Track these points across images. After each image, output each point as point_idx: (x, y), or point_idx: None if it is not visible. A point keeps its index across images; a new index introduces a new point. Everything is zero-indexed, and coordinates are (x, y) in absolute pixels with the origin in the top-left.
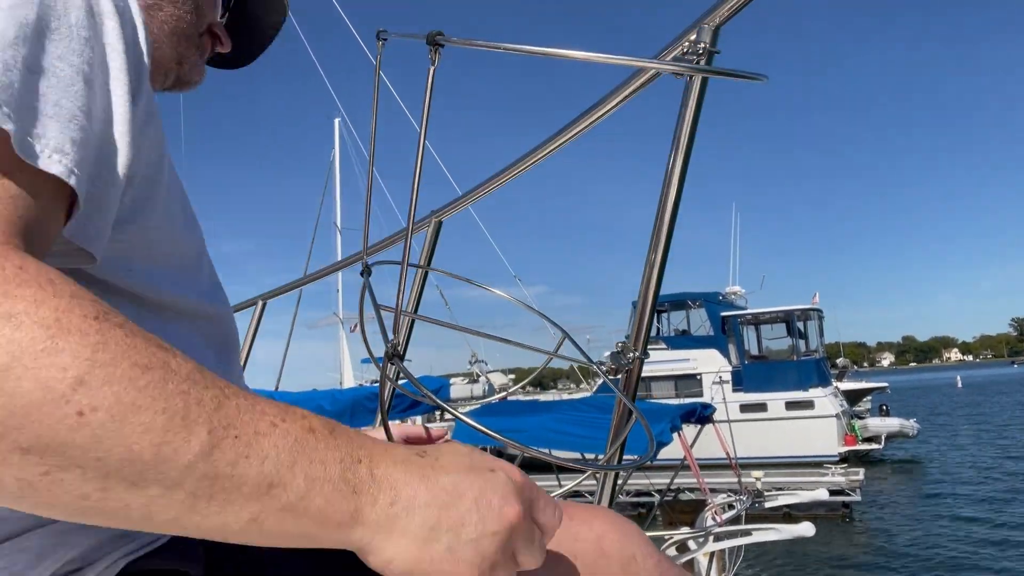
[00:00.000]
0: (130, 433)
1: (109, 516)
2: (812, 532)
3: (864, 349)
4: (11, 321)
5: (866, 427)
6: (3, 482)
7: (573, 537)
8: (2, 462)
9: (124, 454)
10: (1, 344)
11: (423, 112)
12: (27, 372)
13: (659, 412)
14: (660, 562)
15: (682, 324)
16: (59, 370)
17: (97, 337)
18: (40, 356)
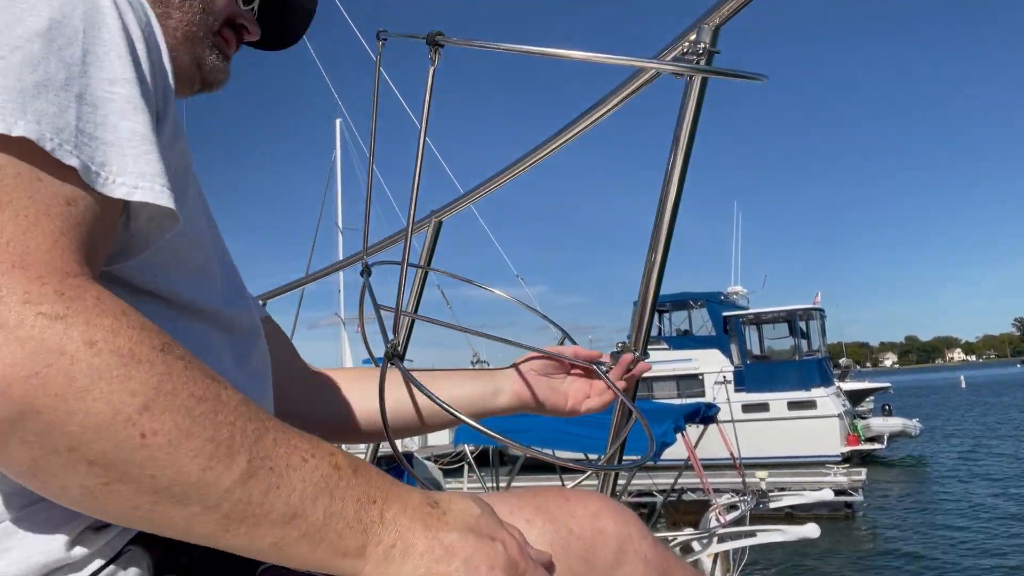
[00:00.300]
0: (182, 457)
1: (154, 525)
2: (817, 534)
3: (867, 349)
4: (92, 348)
5: (868, 427)
6: (69, 488)
7: (569, 515)
8: (71, 470)
9: (174, 475)
10: (83, 368)
11: (423, 112)
12: (102, 395)
13: (663, 412)
14: (655, 544)
15: (684, 324)
16: (129, 395)
17: (162, 368)
18: (114, 382)
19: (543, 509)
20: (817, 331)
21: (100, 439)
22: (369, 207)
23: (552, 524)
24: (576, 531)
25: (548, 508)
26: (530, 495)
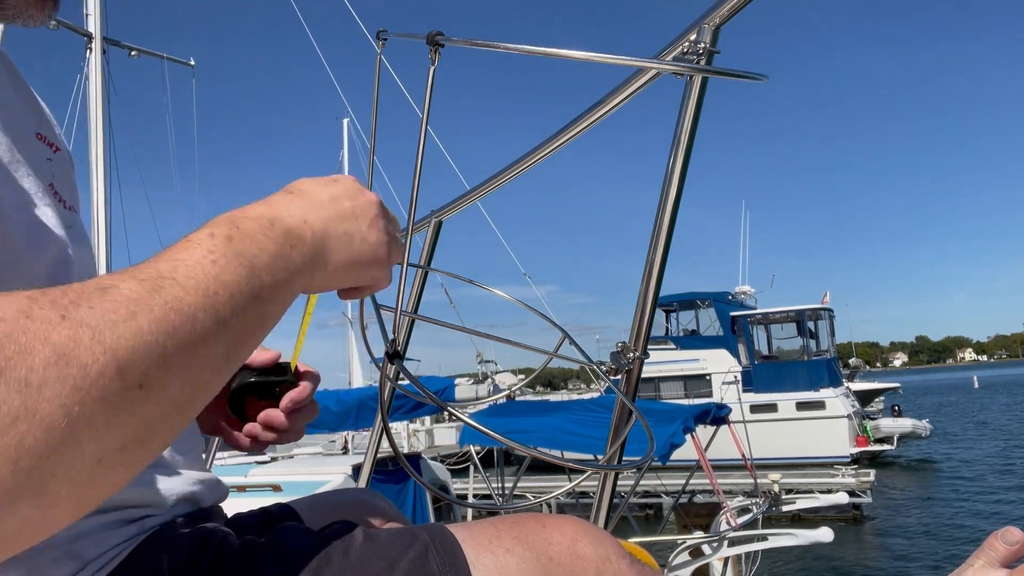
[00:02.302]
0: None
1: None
2: (830, 538)
3: (877, 349)
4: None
5: (878, 428)
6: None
7: (547, 542)
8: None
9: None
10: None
11: (423, 112)
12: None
13: (672, 413)
14: (633, 563)
15: (691, 324)
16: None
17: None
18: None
19: (521, 538)
20: (826, 331)
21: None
22: None
23: (531, 552)
24: (555, 558)
25: (526, 537)
26: (507, 524)
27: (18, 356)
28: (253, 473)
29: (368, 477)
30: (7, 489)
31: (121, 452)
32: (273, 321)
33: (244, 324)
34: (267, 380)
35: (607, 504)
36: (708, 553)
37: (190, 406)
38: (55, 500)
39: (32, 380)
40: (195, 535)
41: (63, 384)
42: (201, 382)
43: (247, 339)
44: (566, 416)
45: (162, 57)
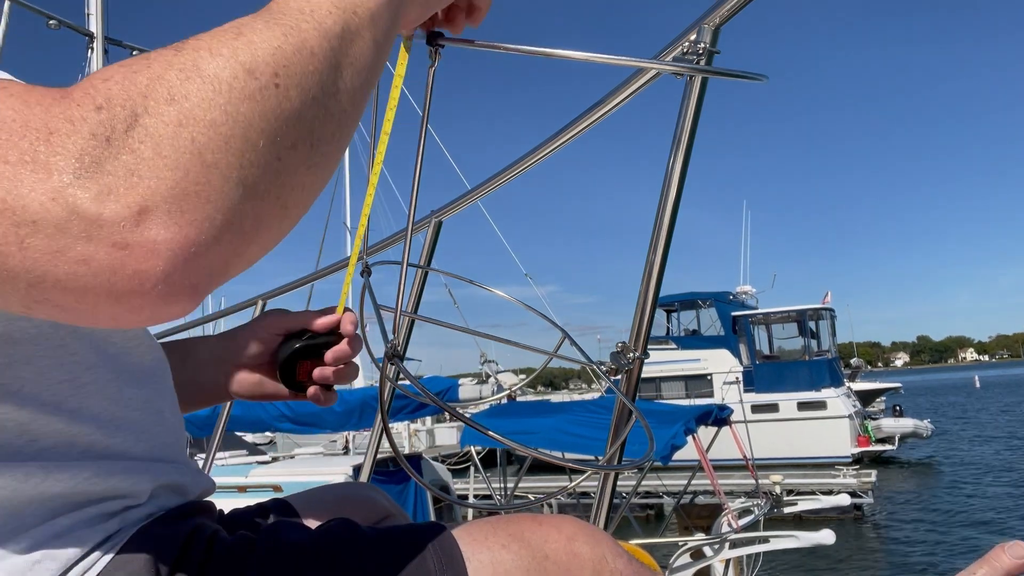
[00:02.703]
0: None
1: (352, 125)
2: (832, 540)
3: (878, 349)
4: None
5: (879, 428)
6: (305, 184)
7: (543, 539)
8: (294, 169)
9: (317, 80)
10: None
11: (423, 112)
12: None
13: (673, 414)
14: (630, 561)
15: (692, 324)
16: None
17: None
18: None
19: (518, 536)
20: (827, 331)
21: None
22: (369, 207)
23: (527, 549)
24: (551, 556)
25: (522, 534)
26: (504, 523)
27: (154, 81)
28: (253, 473)
29: (368, 477)
30: (205, 181)
31: (295, 151)
32: (381, 47)
33: (352, 39)
34: (313, 343)
35: (607, 504)
36: (709, 555)
37: (337, 109)
38: (259, 194)
39: (175, 94)
40: (183, 530)
41: (203, 91)
42: (334, 85)
43: (363, 56)
44: (567, 417)
45: None
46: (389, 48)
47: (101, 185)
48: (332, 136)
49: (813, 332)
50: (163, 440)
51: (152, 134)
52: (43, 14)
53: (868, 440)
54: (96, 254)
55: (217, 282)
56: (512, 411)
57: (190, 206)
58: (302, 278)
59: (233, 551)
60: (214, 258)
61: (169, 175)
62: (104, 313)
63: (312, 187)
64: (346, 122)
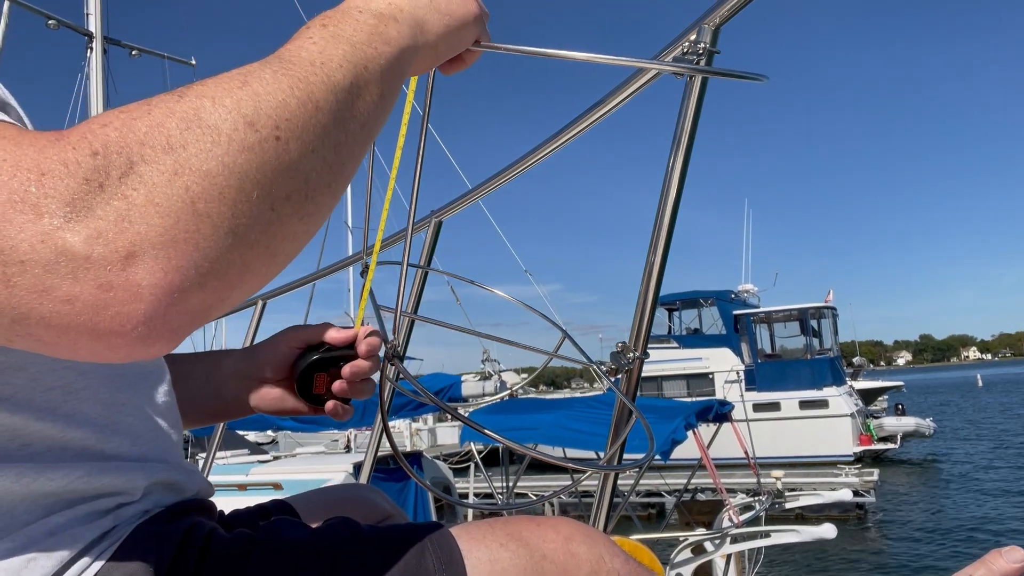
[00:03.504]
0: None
1: (348, 177)
2: (834, 534)
3: (881, 347)
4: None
5: (881, 426)
6: (296, 233)
7: (541, 539)
8: (286, 221)
9: (318, 133)
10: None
11: (423, 112)
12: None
13: (674, 410)
14: (627, 561)
15: (694, 323)
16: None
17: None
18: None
19: (516, 535)
20: (829, 329)
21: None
22: (369, 207)
23: (525, 549)
24: (549, 555)
25: (521, 534)
26: (501, 523)
27: (153, 129)
28: (254, 472)
29: (368, 476)
30: (195, 229)
31: (288, 202)
32: (387, 100)
33: (360, 94)
34: (330, 356)
35: (607, 504)
36: (711, 550)
37: (335, 161)
38: (248, 243)
39: (173, 143)
40: (179, 528)
41: (202, 141)
42: (335, 138)
43: (368, 109)
44: (568, 413)
45: (163, 56)
46: (395, 99)
47: (91, 229)
48: (327, 187)
49: (815, 331)
50: (158, 443)
51: (146, 181)
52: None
53: (870, 439)
54: (81, 294)
55: (198, 325)
56: (513, 408)
57: (177, 253)
58: (302, 278)
59: (232, 548)
60: (196, 303)
61: (159, 222)
62: (84, 349)
63: (302, 236)
64: (343, 173)
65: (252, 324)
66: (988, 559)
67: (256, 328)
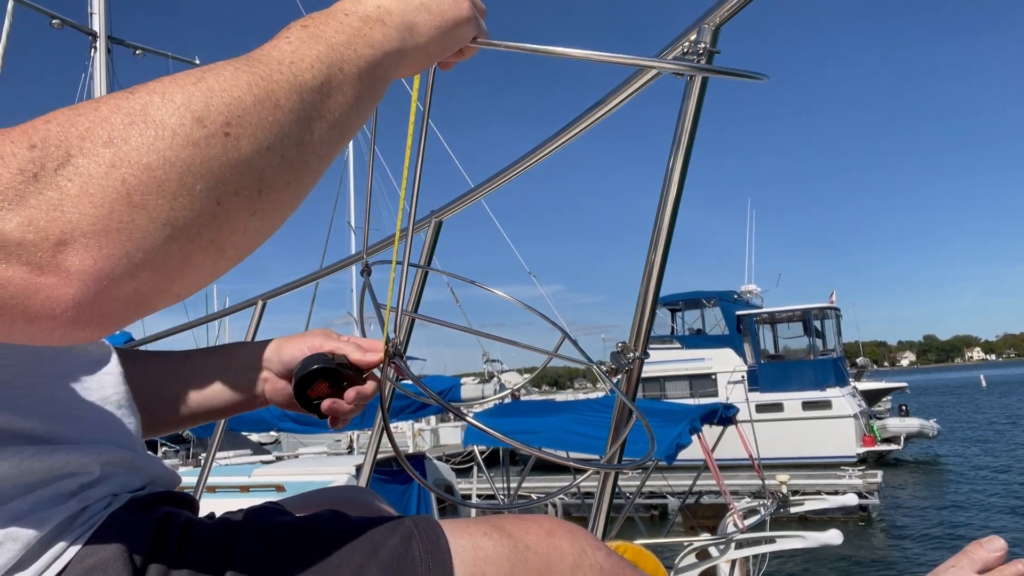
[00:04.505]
0: (263, 113)
1: (313, 179)
2: (840, 540)
3: (884, 348)
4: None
5: (885, 427)
6: (246, 228)
7: (525, 531)
8: (235, 215)
9: (277, 131)
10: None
11: (424, 112)
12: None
13: (678, 413)
14: (609, 554)
15: (697, 323)
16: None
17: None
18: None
19: (499, 527)
20: (832, 330)
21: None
22: (369, 207)
23: (509, 539)
24: (532, 546)
25: (504, 526)
26: (484, 518)
27: (97, 124)
28: (256, 473)
29: (368, 477)
30: (129, 220)
31: (237, 197)
32: (365, 102)
33: (331, 94)
34: (334, 369)
35: (607, 504)
36: (715, 555)
37: (297, 159)
38: (189, 236)
39: (115, 137)
40: (152, 517)
41: (144, 136)
42: (297, 137)
43: (341, 110)
44: (570, 416)
45: (166, 56)
46: (376, 101)
47: (23, 217)
48: (286, 184)
49: (818, 331)
50: (112, 432)
51: (82, 173)
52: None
53: (874, 440)
54: (13, 278)
55: (135, 314)
56: (515, 410)
57: (108, 242)
58: (302, 278)
59: (214, 534)
60: (128, 292)
61: (92, 211)
62: (19, 332)
63: (257, 232)
64: (307, 171)
65: (252, 324)
66: (969, 550)
67: (256, 328)
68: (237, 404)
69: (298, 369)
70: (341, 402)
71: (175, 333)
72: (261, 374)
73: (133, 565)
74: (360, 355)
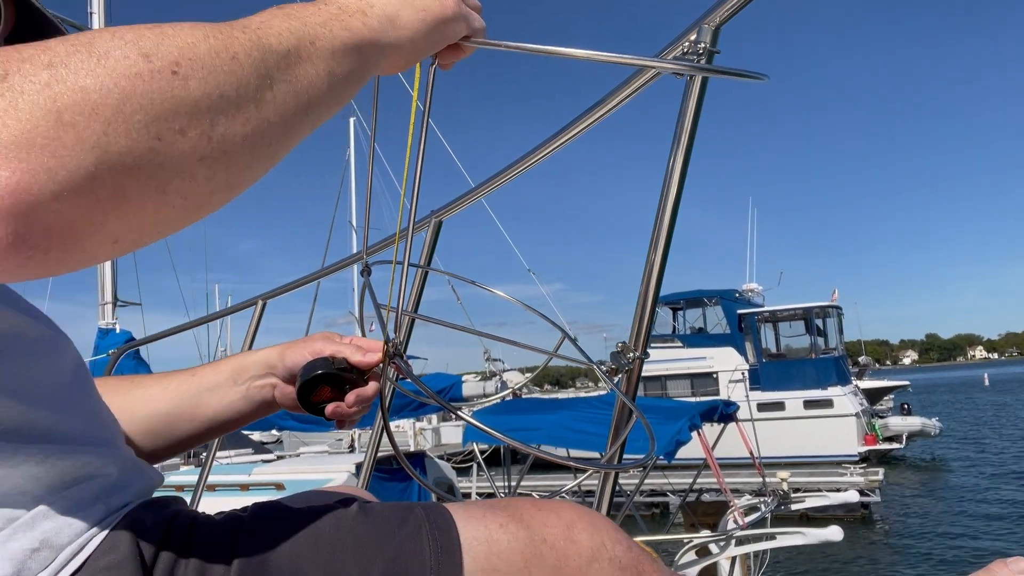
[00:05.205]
0: (219, 66)
1: (274, 141)
2: (840, 537)
3: (887, 347)
4: None
5: (887, 426)
6: (193, 172)
7: (542, 523)
8: (179, 155)
9: (232, 81)
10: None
11: (424, 111)
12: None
13: (678, 410)
14: (630, 547)
15: (698, 322)
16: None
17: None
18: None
19: (516, 517)
20: (834, 329)
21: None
22: (369, 207)
23: (526, 531)
24: (549, 540)
25: (522, 517)
26: (503, 504)
27: (41, 51)
28: (256, 472)
29: (367, 476)
30: (55, 136)
31: (183, 137)
32: (337, 81)
33: (297, 62)
34: (336, 374)
35: (607, 504)
36: (715, 552)
37: (256, 116)
38: (124, 167)
39: (55, 62)
40: (167, 513)
41: (85, 62)
42: (256, 93)
43: (308, 80)
44: (571, 413)
45: None
46: (353, 86)
47: None
48: (244, 139)
49: (820, 330)
50: (117, 434)
51: (13, 89)
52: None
53: (875, 439)
54: None
55: (65, 246)
56: (516, 408)
57: (29, 156)
58: (303, 278)
59: (221, 528)
60: (53, 215)
61: (15, 125)
62: None
63: (209, 182)
64: (268, 132)
65: (252, 324)
66: (993, 567)
67: (256, 328)
68: (250, 413)
69: (300, 375)
70: (343, 405)
71: (175, 333)
72: (269, 381)
73: (143, 561)
74: (360, 356)
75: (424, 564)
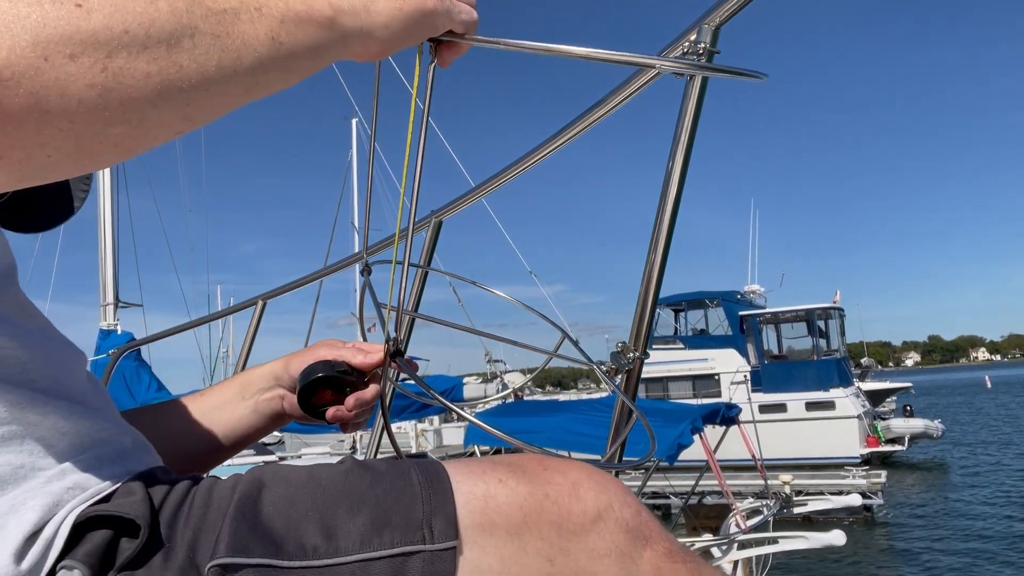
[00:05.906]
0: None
1: (181, 93)
2: (843, 541)
3: (889, 348)
4: None
5: (889, 428)
6: (81, 96)
7: (546, 480)
8: (66, 77)
9: (143, 21)
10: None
11: (424, 110)
12: None
13: (680, 413)
14: (639, 511)
15: (700, 323)
16: None
17: None
18: None
19: (518, 472)
20: (836, 330)
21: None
22: (369, 207)
23: (527, 485)
24: (552, 496)
25: (524, 471)
26: (506, 459)
27: None
28: None
29: None
30: None
31: (72, 61)
32: (283, 48)
33: (235, 20)
34: (336, 377)
35: None
36: (718, 556)
37: (167, 60)
38: (2, 81)
39: None
40: (177, 476)
41: None
42: (171, 37)
43: (246, 39)
44: (573, 416)
45: None
46: (305, 62)
47: None
48: (146, 76)
49: (822, 331)
50: (119, 417)
51: None
52: None
53: (877, 440)
54: None
55: None
56: (518, 410)
57: None
58: (303, 278)
59: (230, 481)
60: None
61: None
62: None
63: (97, 109)
64: (180, 76)
65: (252, 324)
66: None
67: (256, 328)
68: (262, 427)
69: (299, 379)
70: (343, 408)
71: (176, 332)
72: (277, 392)
73: (152, 504)
74: (361, 358)
75: (415, 511)
